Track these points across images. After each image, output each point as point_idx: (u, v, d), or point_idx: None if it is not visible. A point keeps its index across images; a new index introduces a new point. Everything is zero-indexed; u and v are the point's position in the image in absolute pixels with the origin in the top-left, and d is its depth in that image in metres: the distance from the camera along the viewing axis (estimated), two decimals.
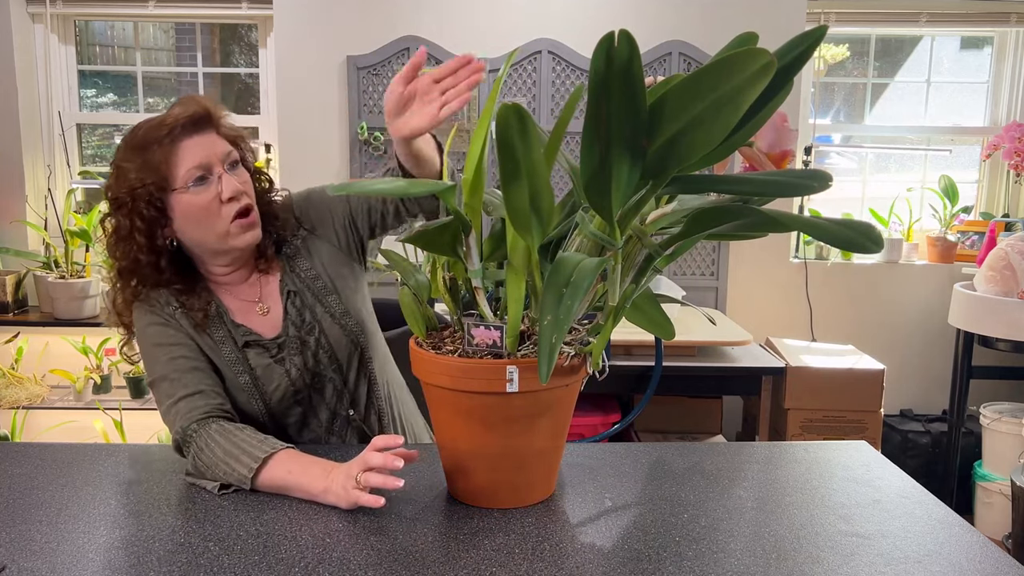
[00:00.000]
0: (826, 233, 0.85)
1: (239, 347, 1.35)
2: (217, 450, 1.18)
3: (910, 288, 3.24)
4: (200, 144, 1.28)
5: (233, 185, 1.29)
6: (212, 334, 1.34)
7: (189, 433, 1.23)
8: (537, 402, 1.07)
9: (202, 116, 1.29)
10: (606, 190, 0.92)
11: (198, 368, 1.30)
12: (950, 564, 0.99)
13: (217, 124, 1.32)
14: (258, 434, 1.22)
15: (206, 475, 1.19)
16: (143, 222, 1.27)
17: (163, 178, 1.26)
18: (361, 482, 1.08)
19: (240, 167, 1.34)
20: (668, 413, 2.90)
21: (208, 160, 1.28)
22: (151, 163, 1.25)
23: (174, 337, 1.32)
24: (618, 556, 0.99)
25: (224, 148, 1.31)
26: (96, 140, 3.39)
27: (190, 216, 1.28)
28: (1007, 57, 3.32)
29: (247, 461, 1.16)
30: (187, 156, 1.26)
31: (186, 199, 1.27)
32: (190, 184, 1.26)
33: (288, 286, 1.41)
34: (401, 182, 1.07)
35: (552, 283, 0.93)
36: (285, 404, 1.38)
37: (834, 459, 1.35)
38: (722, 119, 0.84)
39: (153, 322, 1.33)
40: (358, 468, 1.10)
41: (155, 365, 1.30)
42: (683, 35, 3.00)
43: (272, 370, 1.36)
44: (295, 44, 2.99)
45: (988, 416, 2.88)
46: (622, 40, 0.82)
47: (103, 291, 3.00)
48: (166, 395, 1.28)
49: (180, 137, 1.27)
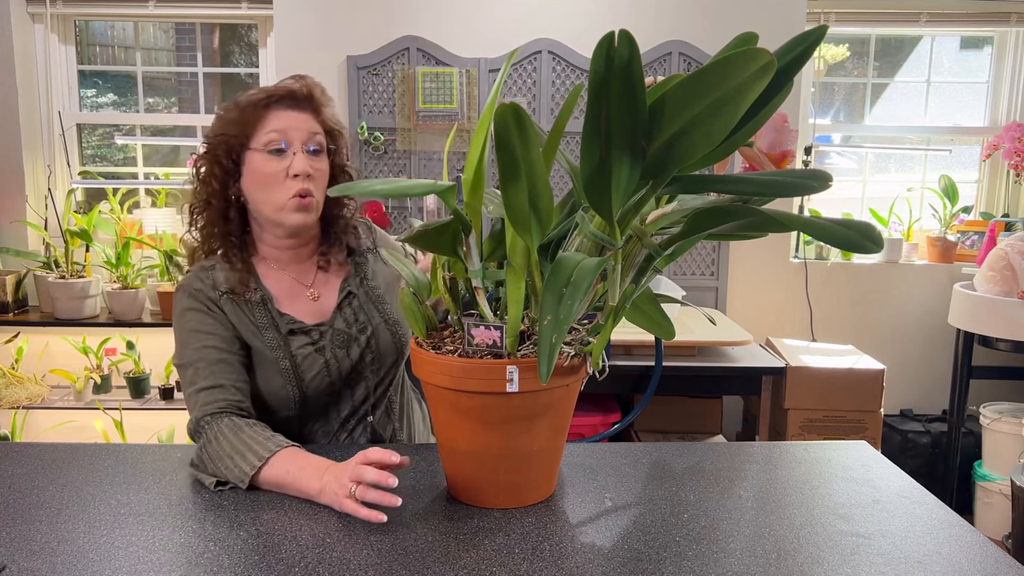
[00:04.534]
0: (826, 233, 0.85)
1: (282, 334, 1.39)
2: (224, 444, 1.21)
3: (910, 288, 3.24)
4: (289, 117, 1.35)
5: (303, 165, 1.34)
6: (256, 320, 1.38)
7: (202, 424, 1.26)
8: (537, 402, 1.07)
9: (304, 95, 1.37)
10: (606, 190, 0.92)
11: (224, 360, 1.33)
12: (950, 564, 0.99)
13: (317, 108, 1.39)
14: (266, 431, 1.24)
15: (208, 467, 1.21)
16: (220, 169, 1.35)
17: (245, 135, 1.34)
18: (357, 496, 1.07)
19: (322, 155, 1.39)
20: (668, 413, 2.90)
21: (289, 133, 1.34)
22: (242, 119, 1.34)
23: (211, 327, 1.34)
24: (618, 556, 0.99)
25: (313, 128, 1.37)
26: (96, 140, 3.39)
27: (256, 178, 1.35)
28: (1007, 57, 3.32)
29: (251, 458, 1.17)
30: (272, 122, 1.34)
31: (257, 160, 1.34)
32: (265, 148, 1.33)
33: (350, 287, 1.47)
34: (401, 183, 1.07)
35: (552, 283, 0.93)
36: (317, 393, 1.41)
37: (834, 459, 1.35)
38: (722, 119, 0.84)
39: (193, 307, 1.35)
40: (349, 477, 1.08)
41: (185, 350, 1.34)
42: (683, 35, 3.00)
43: (313, 358, 1.39)
44: (295, 44, 2.99)
45: (988, 416, 2.88)
46: (622, 40, 0.82)
47: (103, 291, 3.00)
48: (189, 382, 1.32)
49: (275, 106, 1.35)
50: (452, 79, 2.95)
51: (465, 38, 2.99)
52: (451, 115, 2.97)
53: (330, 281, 1.47)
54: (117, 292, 2.91)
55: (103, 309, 3.03)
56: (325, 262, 1.46)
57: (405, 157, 3.01)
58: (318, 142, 1.37)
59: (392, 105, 2.98)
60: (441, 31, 2.98)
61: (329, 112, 1.41)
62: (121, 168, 3.40)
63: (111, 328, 2.99)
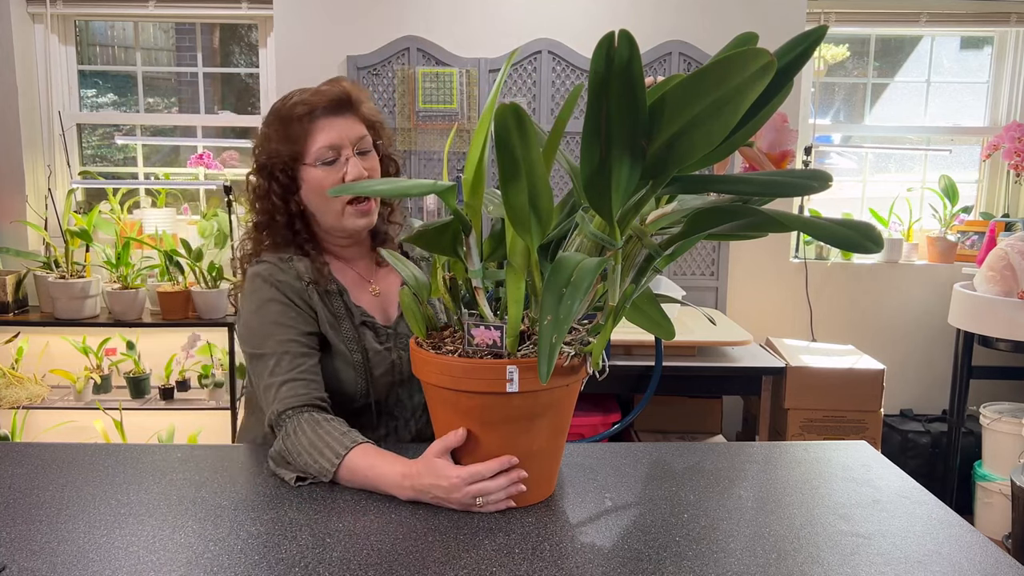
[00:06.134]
0: (826, 233, 0.85)
1: (356, 326, 1.41)
2: (303, 439, 1.23)
3: (910, 288, 3.24)
4: (336, 125, 1.37)
5: (357, 169, 1.36)
6: (335, 310, 1.40)
7: (284, 418, 1.28)
8: (537, 402, 1.07)
9: (343, 99, 1.38)
10: (606, 190, 0.92)
11: (307, 354, 1.35)
12: (950, 564, 0.99)
13: (357, 107, 1.40)
14: (343, 426, 1.26)
15: (287, 460, 1.23)
16: (279, 186, 1.39)
17: (297, 151, 1.36)
18: (488, 508, 1.11)
19: (371, 153, 1.41)
20: (668, 413, 2.90)
21: (339, 142, 1.36)
22: (290, 136, 1.36)
23: (294, 320, 1.36)
24: (618, 556, 0.99)
25: (358, 132, 1.39)
26: (96, 140, 3.39)
27: (313, 190, 1.38)
28: (1007, 57, 3.31)
29: (329, 455, 1.19)
30: (321, 135, 1.36)
31: (313, 174, 1.36)
32: (319, 162, 1.36)
33: None
34: (401, 183, 1.07)
35: (552, 283, 0.93)
36: (383, 388, 1.43)
37: (834, 459, 1.35)
38: (722, 119, 0.84)
39: (276, 299, 1.37)
40: (473, 495, 1.10)
41: (266, 341, 1.34)
42: (683, 35, 2.99)
43: (382, 356, 1.42)
44: (295, 44, 2.99)
45: (988, 416, 2.88)
46: (622, 40, 0.82)
47: (103, 291, 3.00)
48: (270, 372, 1.32)
49: (319, 116, 1.36)
50: (452, 79, 2.94)
51: (465, 38, 2.99)
52: (451, 115, 2.97)
53: (389, 277, 1.50)
54: (117, 292, 2.91)
55: (103, 309, 3.03)
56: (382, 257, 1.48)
57: (405, 157, 3.01)
58: (365, 143, 1.39)
59: (392, 105, 2.98)
60: (441, 31, 2.98)
61: (368, 108, 1.43)
62: (121, 168, 3.40)
63: (111, 328, 2.99)
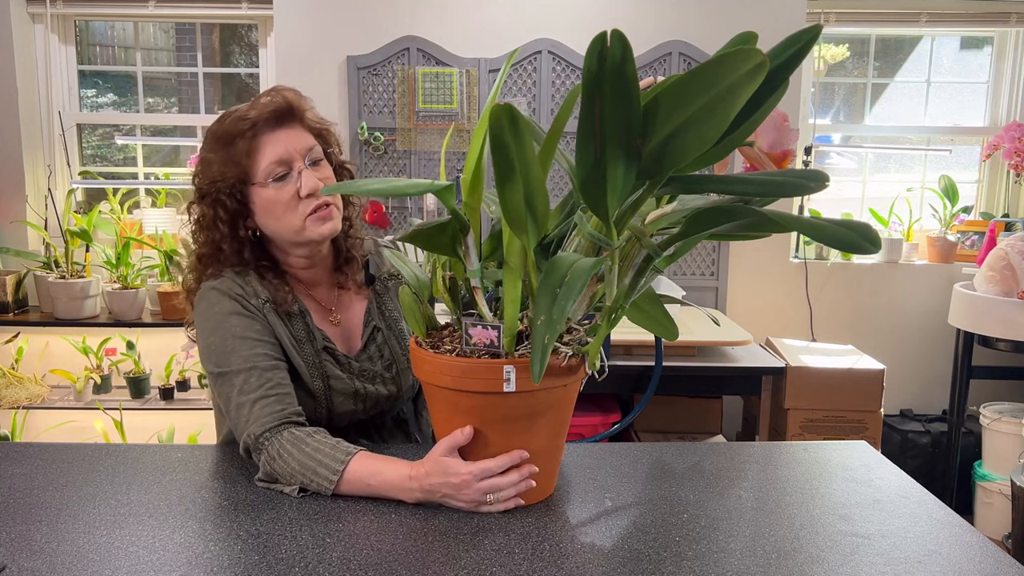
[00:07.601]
0: (824, 233, 0.85)
1: (317, 350, 1.36)
2: (292, 462, 1.16)
3: (910, 288, 3.24)
4: (281, 138, 1.28)
5: (312, 182, 1.28)
6: (295, 333, 1.34)
7: (262, 441, 1.20)
8: (535, 402, 1.07)
9: (285, 110, 1.29)
10: (601, 190, 0.92)
11: (275, 367, 1.27)
12: (950, 564, 0.99)
13: (301, 116, 1.32)
14: (328, 438, 1.20)
15: (282, 482, 1.18)
16: (226, 212, 1.29)
17: (244, 172, 1.27)
18: (499, 506, 1.10)
19: (323, 162, 1.34)
20: (668, 413, 2.90)
21: (288, 155, 1.28)
22: (233, 156, 1.27)
23: (259, 332, 1.29)
24: (618, 556, 0.99)
25: (306, 142, 1.31)
26: (96, 140, 3.39)
27: (268, 210, 1.29)
28: (1007, 57, 3.31)
29: (325, 473, 1.14)
30: (267, 150, 1.27)
31: (265, 193, 1.28)
32: (270, 180, 1.27)
33: (374, 321, 1.44)
34: (396, 183, 1.07)
35: (547, 283, 0.93)
36: (343, 414, 1.38)
37: (834, 459, 1.35)
38: (715, 119, 0.84)
39: (237, 312, 1.29)
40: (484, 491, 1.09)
41: (231, 357, 1.26)
42: (683, 35, 2.99)
43: (343, 383, 1.37)
44: (295, 44, 2.99)
45: (988, 416, 2.87)
46: (615, 40, 0.81)
47: (103, 291, 3.00)
48: (239, 391, 1.24)
49: (262, 131, 1.27)
50: (452, 79, 2.95)
51: (465, 38, 2.99)
52: (451, 115, 2.97)
53: (353, 306, 1.44)
54: (117, 292, 2.91)
55: (103, 309, 3.03)
56: (344, 277, 1.43)
57: (405, 157, 3.01)
58: (316, 153, 1.31)
59: (392, 105, 2.98)
60: (441, 31, 2.98)
61: (312, 115, 1.35)
62: (121, 168, 3.40)
63: (111, 328, 2.99)
